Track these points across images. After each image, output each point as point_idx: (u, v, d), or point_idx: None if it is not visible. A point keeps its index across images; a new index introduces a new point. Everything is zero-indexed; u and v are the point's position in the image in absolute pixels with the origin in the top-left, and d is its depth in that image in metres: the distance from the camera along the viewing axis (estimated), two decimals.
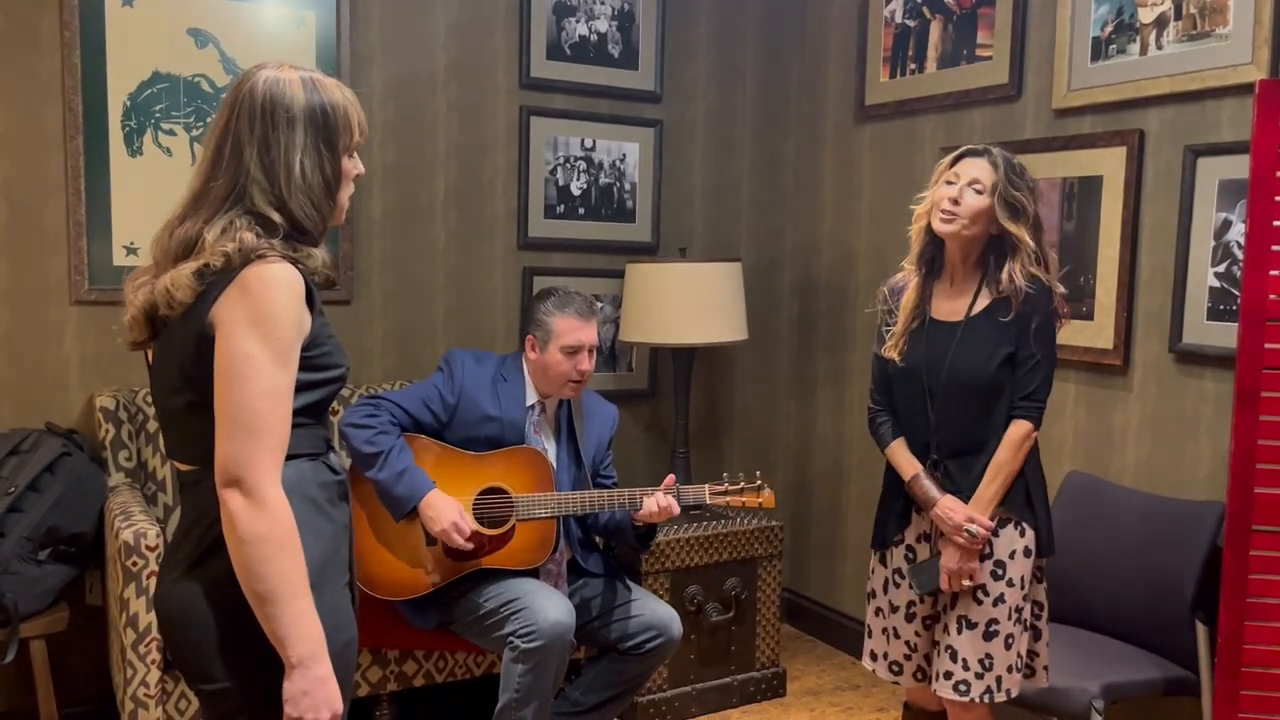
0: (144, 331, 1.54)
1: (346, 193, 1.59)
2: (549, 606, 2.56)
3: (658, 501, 2.67)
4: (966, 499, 2.31)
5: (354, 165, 1.59)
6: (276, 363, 1.43)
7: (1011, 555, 2.29)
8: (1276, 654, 2.29)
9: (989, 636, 2.28)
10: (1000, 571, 2.29)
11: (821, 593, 4.03)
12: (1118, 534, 2.73)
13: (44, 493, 2.72)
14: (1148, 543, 2.65)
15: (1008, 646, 2.28)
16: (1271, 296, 2.27)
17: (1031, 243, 2.28)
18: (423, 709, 3.24)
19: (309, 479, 1.54)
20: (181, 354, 1.48)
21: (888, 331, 2.45)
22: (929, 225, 2.35)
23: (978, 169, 2.29)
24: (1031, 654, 2.37)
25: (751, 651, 3.41)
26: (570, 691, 2.80)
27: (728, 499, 2.77)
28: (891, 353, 2.41)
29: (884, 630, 2.49)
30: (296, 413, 1.49)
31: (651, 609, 2.78)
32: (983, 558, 2.30)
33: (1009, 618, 2.28)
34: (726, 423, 4.11)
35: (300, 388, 1.49)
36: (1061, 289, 2.36)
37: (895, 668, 2.47)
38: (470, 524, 2.63)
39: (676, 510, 2.69)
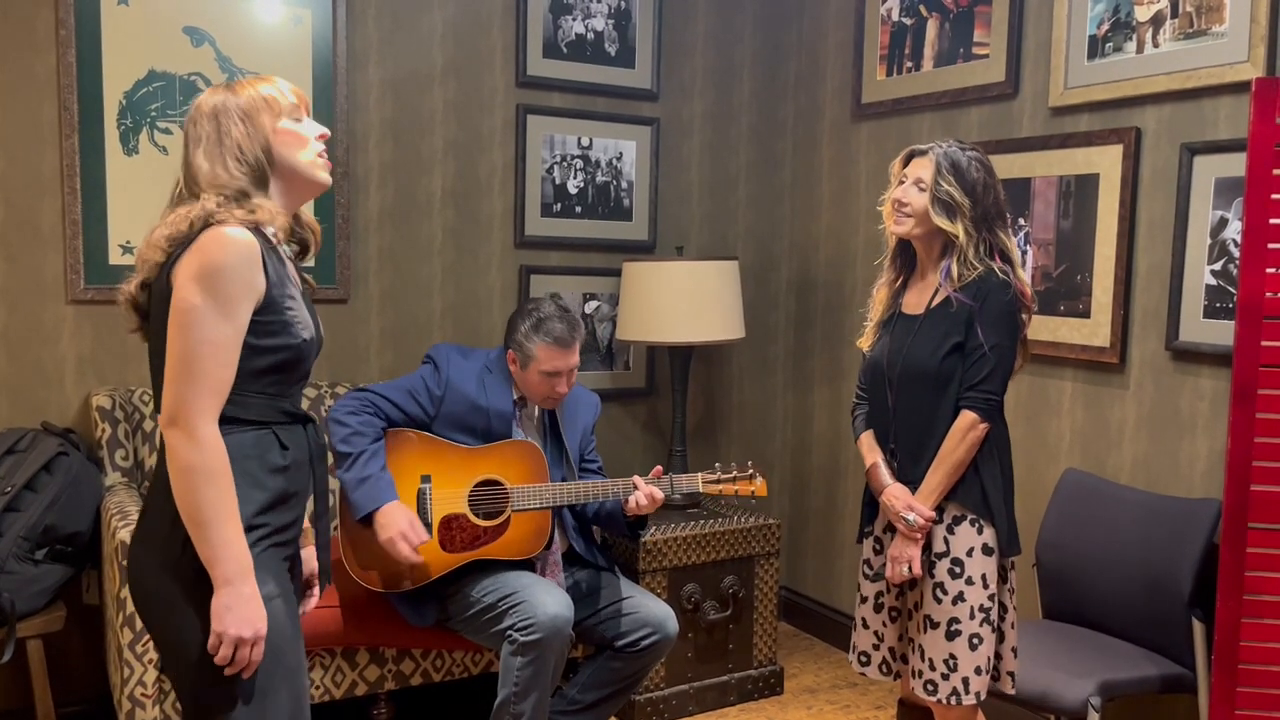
0: (135, 321, 1.73)
1: (298, 151, 1.72)
2: (547, 600, 2.57)
3: (643, 494, 2.70)
4: (917, 489, 2.32)
5: (304, 128, 1.74)
6: (219, 314, 1.57)
7: (969, 553, 2.27)
8: (1273, 651, 2.30)
9: (951, 636, 2.26)
10: (958, 570, 2.27)
11: (819, 591, 4.03)
12: (1115, 531, 2.73)
13: (41, 492, 2.72)
14: (1144, 540, 2.66)
15: (973, 648, 2.25)
16: (1268, 294, 2.28)
17: (968, 239, 2.27)
18: (420, 708, 3.24)
19: (247, 449, 1.65)
20: (157, 318, 1.65)
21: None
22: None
23: (921, 168, 2.33)
24: (996, 656, 2.33)
25: (749, 650, 3.41)
26: (567, 690, 2.81)
27: (720, 487, 2.79)
28: (863, 344, 2.50)
29: (860, 621, 2.50)
30: (244, 376, 1.62)
31: (647, 607, 2.78)
32: (940, 555, 2.29)
33: (971, 617, 2.25)
34: (724, 420, 4.11)
35: (247, 350, 1.62)
36: (1024, 278, 2.32)
37: (864, 658, 2.48)
38: (422, 534, 2.63)
39: (661, 498, 2.72)
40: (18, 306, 2.97)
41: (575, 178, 3.71)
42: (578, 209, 3.73)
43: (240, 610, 1.57)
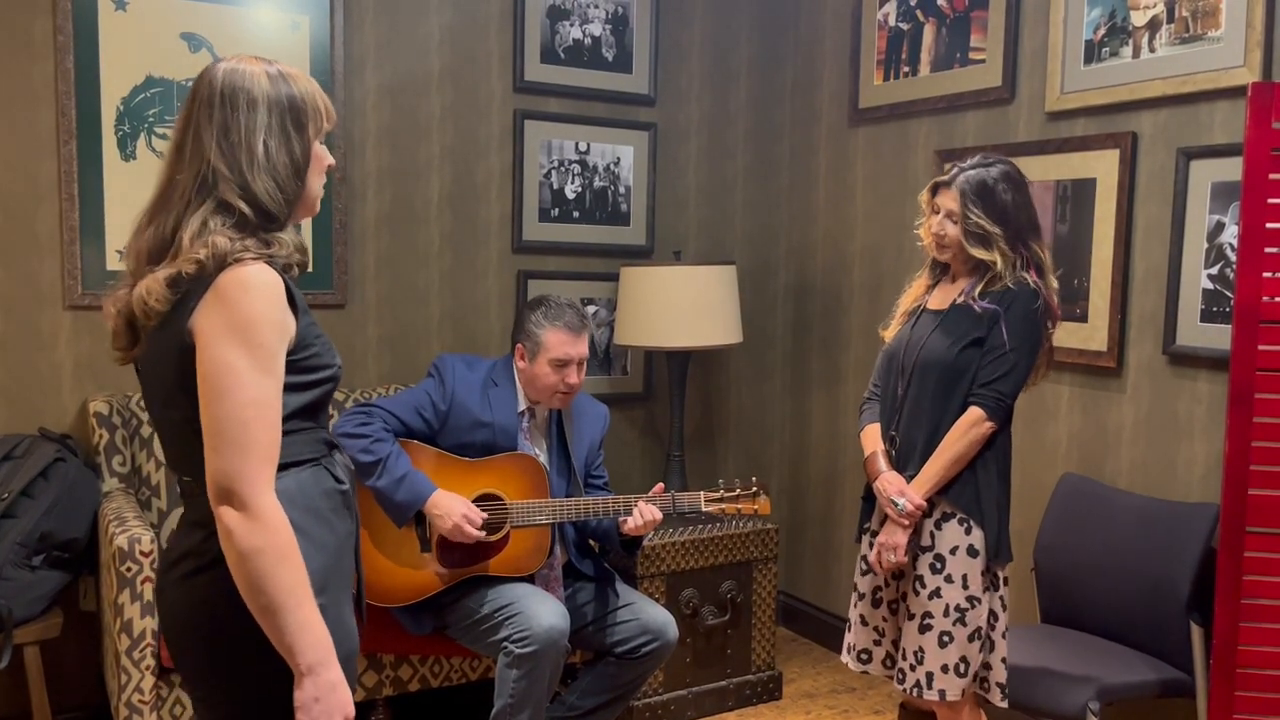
0: (126, 340, 1.52)
1: (319, 180, 1.56)
2: (543, 611, 2.56)
3: (642, 514, 2.68)
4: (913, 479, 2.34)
5: (325, 154, 1.56)
6: (260, 370, 1.39)
7: (953, 551, 2.29)
8: (1271, 655, 2.30)
9: (923, 630, 2.29)
10: (939, 565, 2.29)
11: (817, 595, 4.03)
12: (1112, 536, 2.73)
13: (38, 498, 2.72)
14: (1142, 544, 2.66)
15: (942, 645, 2.27)
16: (1264, 298, 2.28)
17: (1005, 261, 2.31)
18: (418, 714, 3.23)
19: (310, 489, 1.52)
20: (165, 367, 1.46)
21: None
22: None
23: (948, 199, 2.36)
24: (985, 666, 2.34)
25: (747, 654, 3.41)
26: (566, 696, 2.80)
27: (723, 506, 2.76)
28: (886, 335, 2.52)
29: (857, 619, 2.50)
30: (290, 417, 1.47)
31: (647, 613, 2.78)
32: (925, 549, 2.31)
33: (945, 614, 2.27)
34: (722, 426, 4.11)
35: (291, 390, 1.47)
36: (1055, 285, 2.37)
37: (864, 656, 2.49)
38: (480, 513, 2.63)
39: (659, 518, 2.70)
40: (15, 313, 2.97)
41: (573, 183, 3.72)
42: (575, 214, 3.73)
43: (328, 700, 1.41)
